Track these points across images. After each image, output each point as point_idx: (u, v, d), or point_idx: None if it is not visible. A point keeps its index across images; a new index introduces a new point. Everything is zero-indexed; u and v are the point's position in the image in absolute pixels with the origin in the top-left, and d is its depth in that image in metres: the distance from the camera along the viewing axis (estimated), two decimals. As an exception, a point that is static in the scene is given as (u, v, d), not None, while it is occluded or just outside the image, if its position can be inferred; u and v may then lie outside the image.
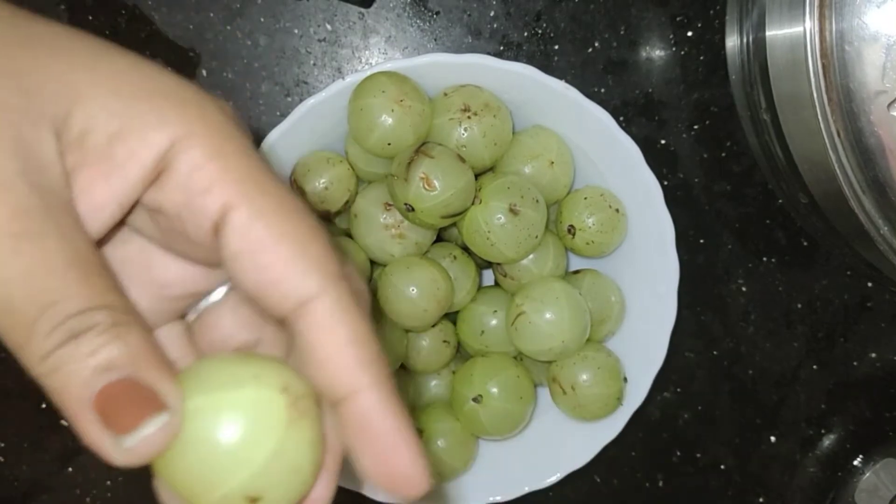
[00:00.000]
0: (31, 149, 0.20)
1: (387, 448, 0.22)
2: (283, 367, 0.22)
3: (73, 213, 0.21)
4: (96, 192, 0.21)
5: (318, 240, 0.22)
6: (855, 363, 0.51)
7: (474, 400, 0.42)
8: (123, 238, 0.24)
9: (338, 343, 0.21)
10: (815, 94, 0.38)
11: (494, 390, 0.42)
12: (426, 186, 0.39)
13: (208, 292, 0.25)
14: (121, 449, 0.20)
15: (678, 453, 0.51)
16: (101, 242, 0.23)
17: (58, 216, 0.20)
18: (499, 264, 0.44)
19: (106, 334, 0.20)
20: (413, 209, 0.39)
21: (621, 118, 0.48)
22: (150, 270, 0.24)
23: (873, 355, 0.51)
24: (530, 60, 0.48)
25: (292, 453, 0.21)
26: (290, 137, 0.42)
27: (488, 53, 0.46)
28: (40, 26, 0.22)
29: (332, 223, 0.45)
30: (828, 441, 0.52)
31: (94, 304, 0.20)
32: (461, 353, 0.46)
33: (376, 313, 0.42)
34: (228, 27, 0.47)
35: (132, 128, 0.21)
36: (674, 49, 0.48)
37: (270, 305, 0.22)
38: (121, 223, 0.23)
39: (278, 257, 0.21)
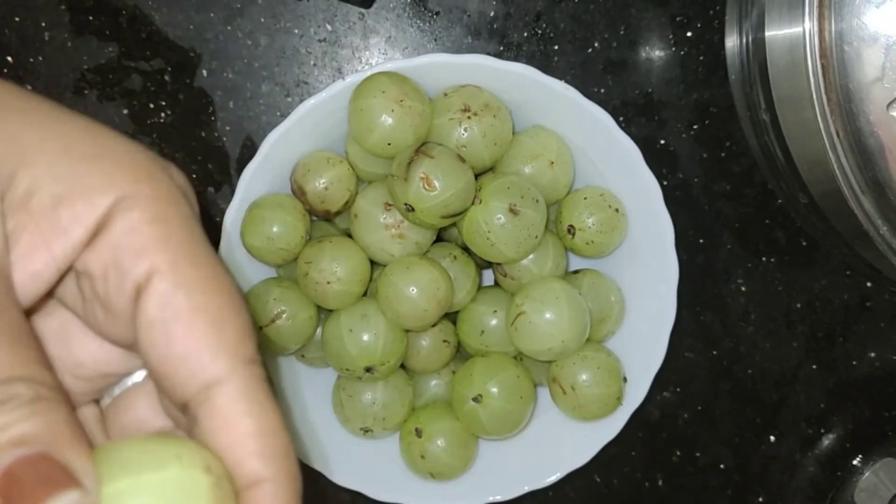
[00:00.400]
0: None
1: None
2: (201, 447, 0.21)
3: (7, 280, 0.20)
4: (36, 258, 0.20)
5: (237, 320, 0.21)
6: (854, 363, 0.51)
7: (474, 400, 0.42)
8: (47, 311, 0.23)
9: (241, 433, 0.20)
10: (814, 95, 0.38)
11: (494, 390, 0.42)
12: (426, 186, 0.39)
13: (125, 375, 0.25)
14: None
15: (678, 453, 0.51)
16: (29, 313, 0.22)
17: None
18: (499, 264, 0.44)
19: (24, 409, 0.19)
20: (413, 209, 0.39)
21: (621, 118, 0.48)
22: (68, 348, 0.24)
23: (873, 355, 0.51)
24: (530, 60, 0.48)
25: None
26: (290, 137, 0.42)
27: (488, 54, 0.46)
28: None
29: (333, 223, 0.45)
30: (827, 441, 0.52)
31: (18, 375, 0.19)
32: (461, 353, 0.46)
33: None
34: (229, 27, 0.47)
35: (78, 191, 0.20)
36: (673, 49, 0.48)
37: (175, 384, 0.21)
38: (49, 294, 0.22)
39: (191, 332, 0.20)
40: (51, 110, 0.21)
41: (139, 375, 0.24)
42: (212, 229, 0.31)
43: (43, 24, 0.47)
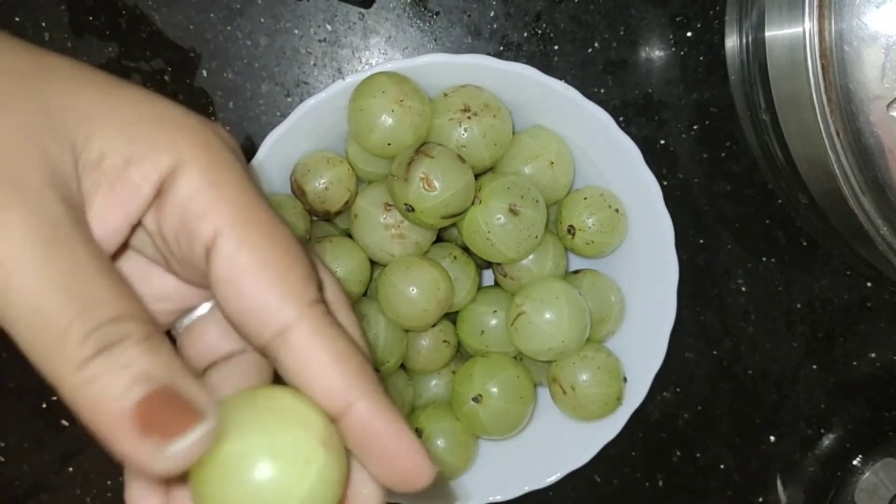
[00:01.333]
0: (56, 163, 0.21)
1: (389, 450, 0.22)
2: (309, 401, 0.23)
3: (91, 233, 0.22)
4: (110, 213, 0.22)
5: (298, 268, 0.22)
6: (854, 363, 0.51)
7: (474, 400, 0.42)
8: (123, 256, 0.25)
9: (321, 364, 0.22)
10: (814, 95, 0.38)
11: (494, 390, 0.42)
12: (426, 186, 0.39)
13: (196, 307, 0.26)
14: (162, 457, 0.19)
15: (678, 453, 0.51)
16: None
17: (82, 231, 0.21)
18: (499, 264, 0.44)
19: (140, 345, 0.20)
20: (413, 209, 0.39)
21: (621, 118, 0.48)
22: (148, 285, 0.25)
23: (873, 355, 0.51)
24: (530, 61, 0.48)
25: (326, 488, 0.22)
26: (290, 137, 0.42)
27: (488, 54, 0.46)
28: (57, 59, 0.23)
29: (333, 223, 0.45)
30: (827, 441, 0.52)
31: (127, 312, 0.20)
32: (461, 353, 0.46)
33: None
34: (229, 27, 0.47)
35: (145, 152, 0.22)
36: (673, 49, 0.48)
37: (251, 333, 0.22)
38: (123, 246, 0.24)
39: (258, 285, 0.22)
40: (111, 80, 0.23)
41: (205, 307, 0.26)
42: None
43: (43, 24, 0.47)
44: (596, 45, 0.48)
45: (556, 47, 0.48)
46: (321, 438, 0.22)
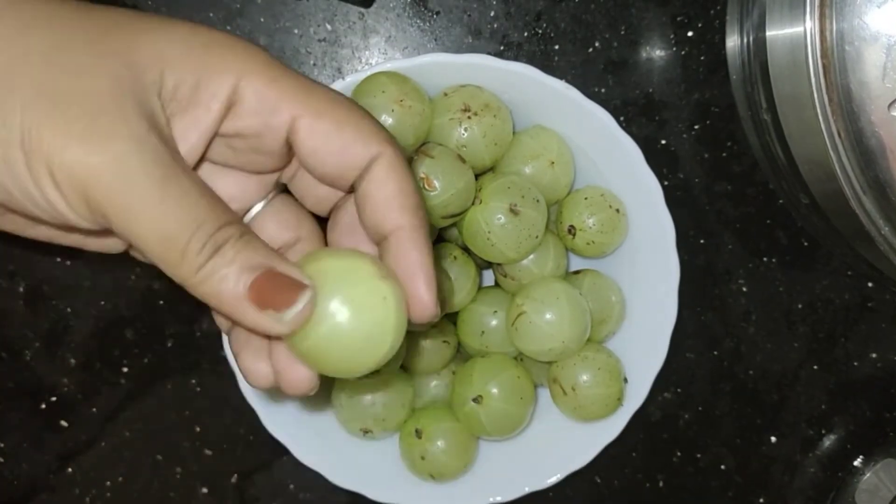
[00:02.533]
0: (149, 110, 0.25)
1: (410, 275, 0.28)
2: (377, 261, 0.28)
3: (180, 155, 0.26)
4: (190, 133, 0.27)
5: (367, 117, 0.28)
6: (855, 363, 0.51)
7: (474, 400, 0.42)
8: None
9: (389, 192, 0.28)
10: (815, 95, 0.38)
11: (494, 391, 0.42)
12: (426, 186, 0.39)
13: (254, 205, 0.31)
14: (280, 323, 0.25)
15: (678, 454, 0.51)
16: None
17: (179, 160, 0.25)
18: (499, 264, 0.44)
19: (240, 242, 0.25)
20: (413, 209, 0.39)
21: (622, 118, 0.48)
22: (217, 188, 0.29)
23: (874, 355, 0.51)
24: (530, 60, 0.48)
25: (402, 309, 0.27)
26: (290, 137, 0.42)
27: (488, 53, 0.46)
28: (115, 12, 0.27)
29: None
30: (828, 441, 0.52)
31: (225, 221, 0.25)
32: (461, 354, 0.46)
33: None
34: (228, 27, 0.47)
35: (208, 77, 0.26)
36: (674, 49, 0.48)
37: (346, 178, 0.28)
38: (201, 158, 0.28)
39: (344, 140, 0.27)
40: (163, 20, 0.27)
41: (260, 206, 0.31)
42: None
43: (42, 24, 0.47)
44: (597, 44, 0.48)
45: (557, 47, 0.48)
46: (383, 276, 0.27)
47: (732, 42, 0.46)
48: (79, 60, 0.25)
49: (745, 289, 0.50)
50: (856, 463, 0.51)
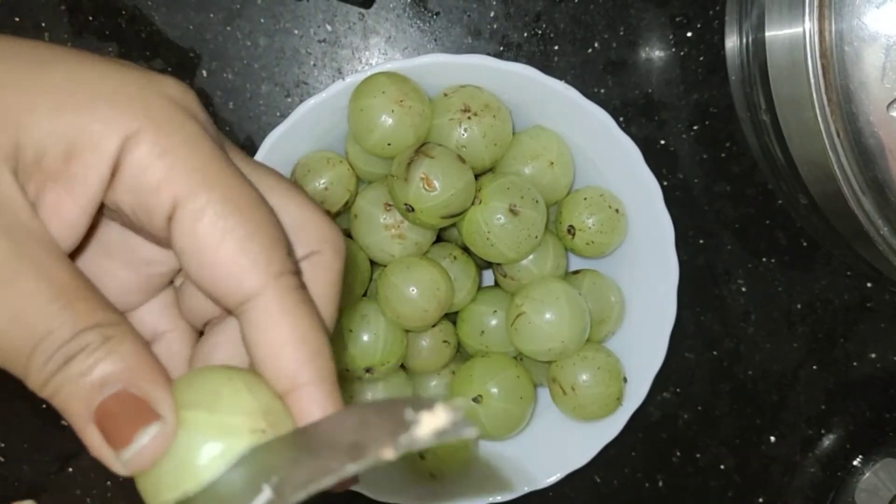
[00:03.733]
0: (2, 192, 0.20)
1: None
2: (263, 385, 0.22)
3: (45, 240, 0.21)
4: (63, 210, 0.21)
5: (261, 234, 0.22)
6: (855, 363, 0.51)
7: (474, 400, 0.42)
8: (104, 224, 0.25)
9: (276, 342, 0.22)
10: (814, 95, 0.38)
11: (494, 390, 0.42)
12: (426, 187, 0.39)
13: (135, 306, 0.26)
14: (120, 461, 0.21)
15: (678, 453, 0.51)
16: (77, 250, 0.23)
17: (30, 253, 0.21)
18: (499, 264, 0.44)
19: (98, 352, 0.20)
20: (413, 209, 0.39)
21: (621, 118, 0.48)
22: (133, 251, 0.25)
23: (873, 355, 0.51)
24: (530, 61, 0.48)
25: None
26: (290, 138, 0.42)
27: (488, 54, 0.46)
28: None
29: (332, 223, 0.45)
30: (828, 441, 0.52)
31: (82, 327, 0.20)
32: (461, 353, 0.46)
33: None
34: (228, 28, 0.47)
35: (82, 142, 0.21)
36: (673, 49, 0.48)
37: (218, 300, 0.22)
38: (91, 228, 0.23)
39: (221, 256, 0.21)
40: (29, 62, 0.21)
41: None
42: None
43: (43, 25, 0.47)
44: (596, 45, 0.48)
45: (556, 47, 0.48)
46: (258, 423, 0.21)
47: (731, 42, 0.46)
48: None
49: (744, 289, 0.50)
50: (855, 463, 0.51)
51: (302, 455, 0.20)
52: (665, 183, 0.48)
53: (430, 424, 0.19)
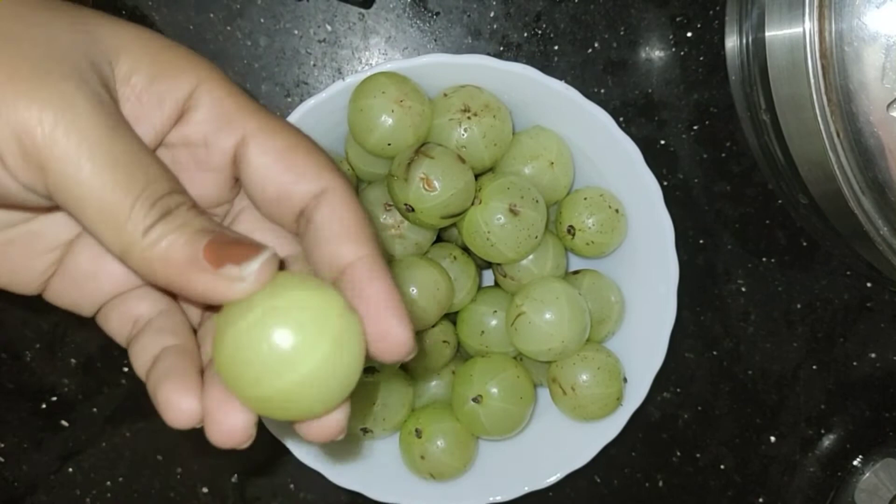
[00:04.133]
0: (100, 69, 0.24)
1: (380, 310, 0.25)
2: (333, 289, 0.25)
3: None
4: (139, 125, 0.24)
5: (320, 149, 0.26)
6: (855, 363, 0.51)
7: (474, 400, 0.42)
8: None
9: (345, 223, 0.25)
10: (814, 95, 0.38)
11: (494, 390, 0.42)
12: (426, 187, 0.39)
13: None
14: (240, 278, 0.23)
15: (678, 453, 0.51)
16: None
17: (128, 123, 0.24)
18: (499, 264, 0.44)
19: (192, 210, 0.23)
20: (413, 209, 0.39)
21: (621, 118, 0.48)
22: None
23: (873, 355, 0.51)
24: (530, 61, 0.48)
25: (347, 342, 0.23)
26: (290, 138, 0.42)
27: (488, 54, 0.46)
28: (94, 11, 0.25)
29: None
30: (827, 441, 0.52)
31: (177, 188, 0.23)
32: (461, 354, 0.46)
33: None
34: (228, 28, 0.47)
35: (167, 71, 0.25)
36: (673, 49, 0.48)
37: (294, 202, 0.26)
38: None
39: (296, 162, 0.25)
40: (139, 26, 0.26)
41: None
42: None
43: (43, 25, 0.47)
44: (596, 45, 0.48)
45: (556, 47, 0.48)
46: (351, 311, 0.24)
47: (731, 43, 0.46)
48: (35, 16, 0.23)
49: (744, 289, 0.50)
50: (855, 463, 0.51)
51: None
52: (665, 183, 0.48)
53: None
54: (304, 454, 0.44)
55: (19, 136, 0.21)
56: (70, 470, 0.50)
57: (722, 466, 0.51)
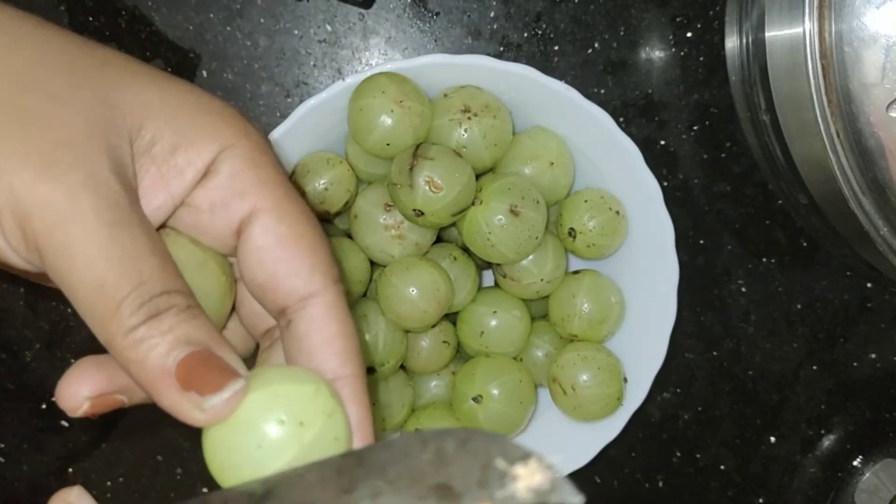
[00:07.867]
0: (116, 151, 0.23)
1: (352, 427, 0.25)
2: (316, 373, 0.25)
3: (141, 208, 0.24)
4: (156, 195, 0.25)
5: (326, 246, 0.26)
6: (855, 364, 0.51)
7: (474, 399, 0.42)
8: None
9: (329, 335, 0.25)
10: (814, 95, 0.38)
11: (495, 392, 0.42)
12: (433, 189, 0.39)
13: None
14: (201, 408, 0.22)
15: (678, 454, 0.51)
16: None
17: (138, 210, 0.24)
18: (499, 265, 0.44)
19: (183, 314, 0.23)
20: (423, 213, 0.39)
21: (621, 119, 0.48)
22: None
23: (873, 356, 0.51)
24: (530, 61, 0.48)
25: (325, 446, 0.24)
26: (290, 138, 0.42)
27: (488, 54, 0.46)
28: (109, 52, 0.25)
29: (332, 224, 0.45)
30: (828, 442, 0.52)
31: (173, 288, 0.23)
32: (461, 354, 0.46)
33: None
34: (228, 28, 0.47)
35: (191, 140, 0.25)
36: (673, 50, 0.48)
37: (277, 296, 0.25)
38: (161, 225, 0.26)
39: (294, 254, 0.25)
40: (159, 73, 0.26)
41: None
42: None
43: (43, 25, 0.47)
44: (596, 45, 0.48)
45: (557, 48, 0.48)
46: (335, 409, 0.24)
47: (732, 43, 0.46)
48: (55, 86, 0.23)
49: (744, 289, 0.50)
50: (855, 463, 0.51)
51: (379, 484, 0.21)
52: (665, 183, 0.48)
53: (528, 482, 0.21)
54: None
55: (20, 220, 0.22)
56: (70, 471, 0.50)
57: (722, 467, 0.51)
